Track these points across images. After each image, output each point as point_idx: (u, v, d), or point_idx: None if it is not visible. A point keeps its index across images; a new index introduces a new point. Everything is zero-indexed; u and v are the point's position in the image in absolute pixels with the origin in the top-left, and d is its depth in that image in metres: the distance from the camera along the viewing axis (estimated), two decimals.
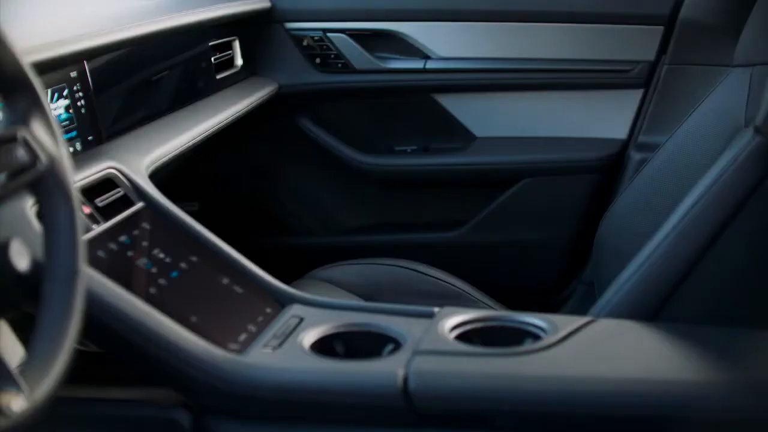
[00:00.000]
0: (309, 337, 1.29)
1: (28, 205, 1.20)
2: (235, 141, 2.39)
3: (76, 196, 1.02)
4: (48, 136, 1.00)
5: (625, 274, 1.40)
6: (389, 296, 1.99)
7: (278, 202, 2.63)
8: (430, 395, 1.15)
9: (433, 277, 2.09)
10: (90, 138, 1.59)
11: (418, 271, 2.09)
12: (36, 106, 1.00)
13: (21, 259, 0.91)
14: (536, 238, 2.44)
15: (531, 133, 2.44)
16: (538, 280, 2.47)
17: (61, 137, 1.03)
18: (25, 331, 1.56)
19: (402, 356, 1.21)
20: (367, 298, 1.96)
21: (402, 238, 2.54)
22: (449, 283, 2.08)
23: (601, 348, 1.23)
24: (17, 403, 0.87)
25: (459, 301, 2.01)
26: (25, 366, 0.93)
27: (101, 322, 1.21)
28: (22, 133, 0.97)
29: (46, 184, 1.00)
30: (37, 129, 0.99)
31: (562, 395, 1.13)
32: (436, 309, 1.34)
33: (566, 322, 1.26)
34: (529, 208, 2.43)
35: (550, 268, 2.46)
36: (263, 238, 2.60)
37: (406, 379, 1.16)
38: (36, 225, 1.17)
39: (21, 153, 0.96)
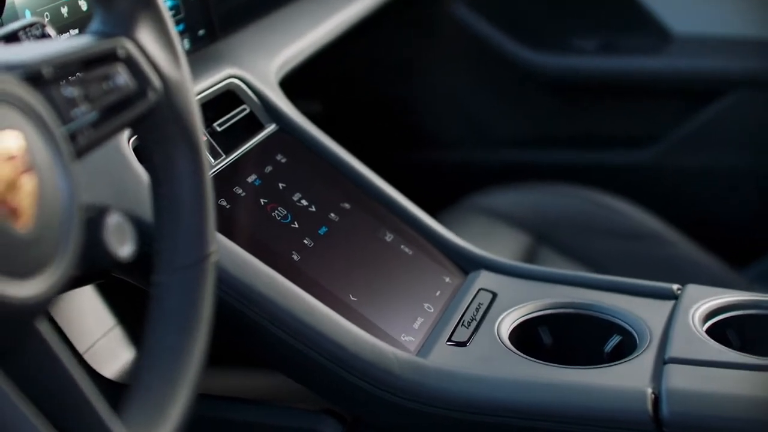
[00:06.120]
0: (507, 322, 1.15)
1: (125, 143, 0.96)
2: (370, 31, 2.22)
3: (204, 142, 0.77)
4: (162, 49, 0.77)
5: None
6: (565, 234, 1.91)
7: (422, 108, 2.47)
8: (688, 426, 0.99)
9: (618, 211, 1.98)
10: (201, 33, 1.43)
11: (600, 204, 1.99)
12: (144, 4, 0.74)
13: (122, 244, 0.65)
14: (747, 164, 2.25)
15: (745, 31, 2.27)
16: (748, 218, 2.28)
17: (182, 50, 0.77)
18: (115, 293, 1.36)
19: (644, 362, 1.05)
20: (537, 235, 1.87)
21: (576, 158, 2.36)
22: (639, 221, 1.96)
23: None
24: None
25: (654, 243, 1.92)
26: (129, 405, 0.68)
27: (222, 301, 1.00)
28: (124, 47, 0.74)
29: (159, 123, 0.76)
30: (147, 39, 0.76)
31: None
32: (675, 286, 1.19)
33: None
34: (739, 127, 2.24)
35: (763, 203, 2.26)
36: (402, 153, 2.45)
37: (657, 401, 1.00)
38: (141, 177, 0.93)
39: (123, 77, 0.71)
